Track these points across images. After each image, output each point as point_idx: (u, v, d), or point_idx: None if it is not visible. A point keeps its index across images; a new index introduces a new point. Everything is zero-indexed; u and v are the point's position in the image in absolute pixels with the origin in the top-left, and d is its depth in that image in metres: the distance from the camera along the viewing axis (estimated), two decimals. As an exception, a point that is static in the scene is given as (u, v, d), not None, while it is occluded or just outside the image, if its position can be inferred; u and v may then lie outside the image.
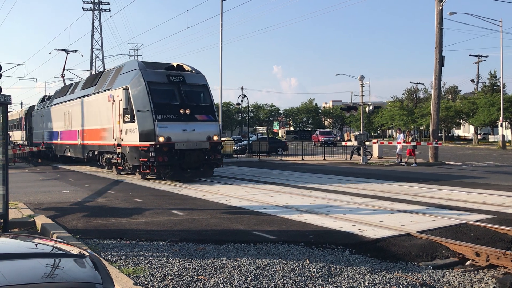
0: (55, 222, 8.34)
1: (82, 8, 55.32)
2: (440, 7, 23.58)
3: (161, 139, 14.69)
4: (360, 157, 24.96)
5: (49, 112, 27.19)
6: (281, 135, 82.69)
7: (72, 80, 45.27)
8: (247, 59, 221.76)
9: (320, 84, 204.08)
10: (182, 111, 15.39)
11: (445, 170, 20.61)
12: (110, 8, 65.29)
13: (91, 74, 22.90)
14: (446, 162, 24.49)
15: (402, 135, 25.45)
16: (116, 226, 8.18)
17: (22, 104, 78.65)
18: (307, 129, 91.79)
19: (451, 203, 10.35)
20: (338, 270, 5.56)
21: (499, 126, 46.26)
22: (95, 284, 2.57)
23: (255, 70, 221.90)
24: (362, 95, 25.55)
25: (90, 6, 55.23)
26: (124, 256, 6.13)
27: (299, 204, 10.43)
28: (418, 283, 5.19)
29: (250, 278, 5.24)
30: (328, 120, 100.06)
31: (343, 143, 34.51)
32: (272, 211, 9.52)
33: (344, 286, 5.04)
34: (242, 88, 71.24)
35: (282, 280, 5.19)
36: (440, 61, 23.58)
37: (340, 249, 6.57)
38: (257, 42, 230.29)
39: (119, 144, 16.65)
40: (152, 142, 14.70)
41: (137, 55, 65.64)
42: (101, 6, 55.49)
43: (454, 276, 5.56)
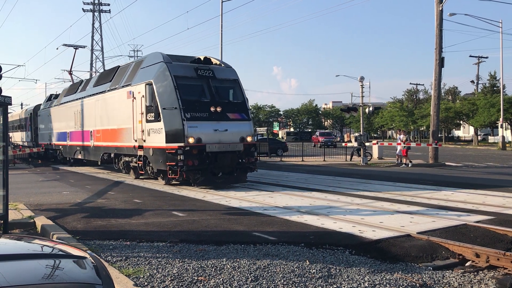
0: (55, 223, 8.34)
1: (82, 9, 55.45)
2: (440, 8, 23.59)
3: (190, 140, 13.14)
4: (360, 158, 24.95)
5: (57, 111, 25.50)
6: (281, 136, 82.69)
7: (72, 81, 45.32)
8: (247, 60, 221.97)
9: (320, 85, 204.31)
10: (212, 109, 13.82)
11: (445, 171, 20.61)
12: (110, 9, 65.51)
13: (104, 70, 20.85)
14: (446, 163, 24.49)
15: (401, 136, 25.44)
16: (116, 227, 8.18)
17: (22, 105, 78.66)
18: (307, 130, 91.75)
19: (451, 204, 10.35)
20: (338, 271, 5.57)
21: (499, 127, 46.29)
22: (95, 285, 2.58)
23: (255, 71, 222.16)
24: (362, 96, 25.56)
25: (90, 7, 55.30)
26: (124, 257, 6.13)
27: (299, 205, 10.43)
28: (418, 284, 5.20)
29: (250, 279, 5.24)
30: (328, 121, 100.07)
31: (343, 144, 34.50)
32: (272, 212, 9.52)
33: (344, 287, 5.05)
34: (242, 89, 71.11)
35: (282, 281, 5.19)
36: (440, 62, 23.59)
37: (340, 250, 6.57)
38: (257, 43, 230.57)
39: (141, 146, 15.07)
40: (181, 144, 13.13)
41: (136, 56, 65.65)
42: (101, 7, 55.56)
43: (454, 277, 5.56)
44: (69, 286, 2.51)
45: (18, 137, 37.32)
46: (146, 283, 5.12)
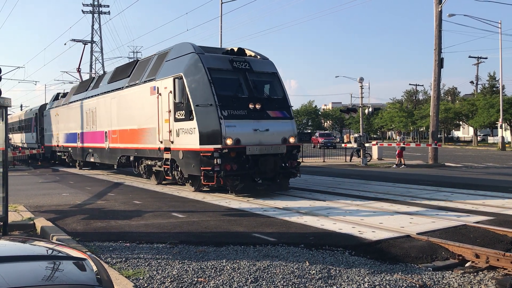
0: (55, 225, 8.34)
1: (82, 10, 55.44)
2: (439, 9, 23.62)
3: (228, 141, 11.65)
4: (359, 159, 24.96)
5: (66, 111, 23.79)
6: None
7: (73, 83, 45.20)
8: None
9: (320, 86, 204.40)
10: (251, 106, 12.32)
11: (444, 171, 20.62)
12: (109, 11, 65.60)
13: (120, 66, 19.56)
14: (446, 164, 24.49)
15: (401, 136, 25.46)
16: (116, 229, 8.18)
17: (21, 106, 78.49)
18: (306, 131, 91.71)
19: (451, 204, 10.36)
20: (337, 272, 5.57)
21: (499, 127, 46.31)
22: (94, 287, 2.58)
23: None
24: (362, 97, 25.58)
25: (90, 8, 55.36)
26: (124, 259, 6.13)
27: (299, 206, 10.43)
28: (417, 285, 5.20)
29: (250, 280, 5.24)
30: (328, 122, 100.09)
31: (343, 145, 34.50)
32: (272, 213, 9.52)
33: (343, 288, 5.05)
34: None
35: (282, 282, 5.19)
36: (439, 62, 23.60)
37: (340, 251, 6.57)
38: (256, 44, 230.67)
39: (168, 148, 13.58)
40: (218, 146, 11.62)
41: (136, 57, 65.69)
42: (100, 9, 55.63)
43: (453, 277, 5.56)
44: (69, 287, 2.51)
45: (22, 138, 36.72)
46: (146, 285, 5.12)
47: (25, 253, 3.05)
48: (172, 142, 13.32)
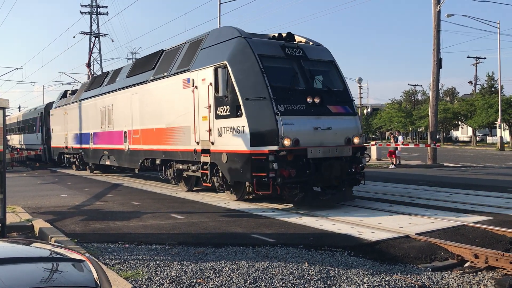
0: (53, 226, 8.33)
1: (80, 11, 55.45)
2: (438, 9, 23.65)
3: (286, 142, 9.70)
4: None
5: (76, 109, 21.70)
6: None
7: (71, 84, 45.10)
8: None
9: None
10: (309, 100, 10.41)
11: (443, 171, 20.63)
12: (108, 12, 65.54)
13: (140, 57, 16.95)
14: (445, 164, 24.51)
15: (400, 137, 25.48)
16: (115, 230, 8.17)
17: (20, 108, 78.36)
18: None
19: (450, 204, 10.36)
20: (337, 272, 5.56)
21: (497, 127, 46.39)
22: (93, 288, 2.57)
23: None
24: (360, 97, 25.67)
25: (88, 9, 55.36)
26: (122, 260, 6.12)
27: (298, 206, 10.42)
28: (417, 285, 5.20)
29: (249, 281, 5.23)
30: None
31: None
32: (271, 214, 9.51)
33: (343, 288, 5.04)
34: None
35: (281, 283, 5.18)
36: (438, 63, 23.63)
37: (339, 251, 6.57)
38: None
39: (206, 150, 11.59)
40: (274, 148, 9.65)
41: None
42: (98, 10, 55.63)
43: (453, 278, 5.56)
44: (67, 289, 2.50)
45: (20, 140, 36.51)
46: (144, 286, 5.11)
47: (23, 254, 3.04)
48: (212, 143, 11.35)
